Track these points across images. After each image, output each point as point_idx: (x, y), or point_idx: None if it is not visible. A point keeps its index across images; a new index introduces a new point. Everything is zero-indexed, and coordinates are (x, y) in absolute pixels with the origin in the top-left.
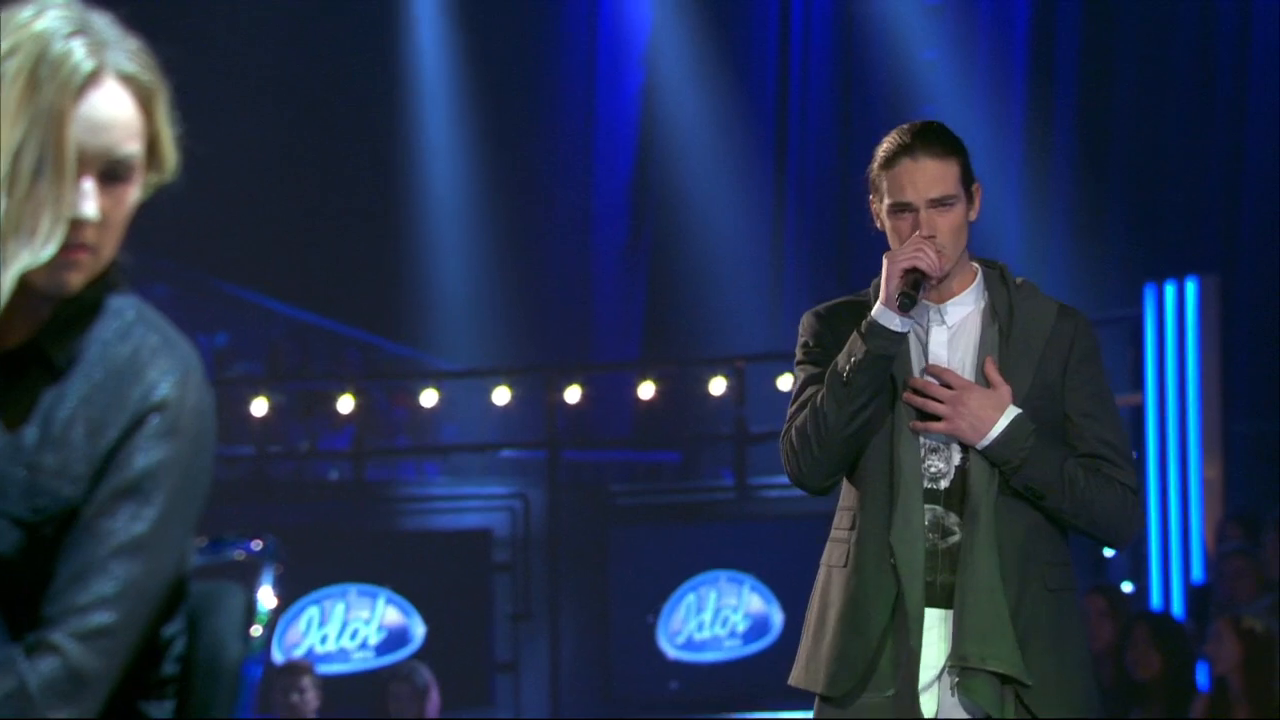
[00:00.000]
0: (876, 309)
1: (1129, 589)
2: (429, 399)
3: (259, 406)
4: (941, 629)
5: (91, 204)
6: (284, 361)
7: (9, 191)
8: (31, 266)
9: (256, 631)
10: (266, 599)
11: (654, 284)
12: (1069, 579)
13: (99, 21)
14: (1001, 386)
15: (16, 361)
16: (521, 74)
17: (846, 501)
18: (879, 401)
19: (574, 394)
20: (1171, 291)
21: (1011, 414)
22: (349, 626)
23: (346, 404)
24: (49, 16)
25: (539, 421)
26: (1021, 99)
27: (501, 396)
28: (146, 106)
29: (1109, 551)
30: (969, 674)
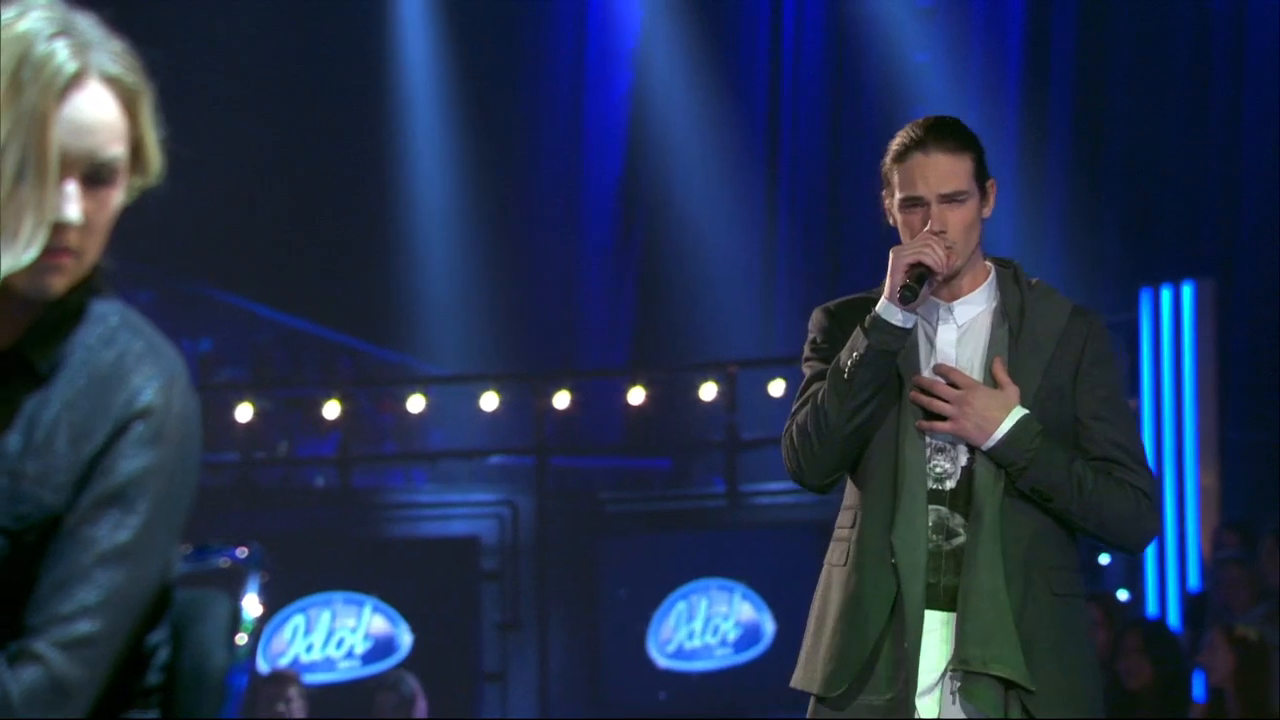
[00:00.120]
0: (880, 303)
1: (1125, 597)
2: (416, 405)
3: (244, 412)
4: (943, 631)
5: (74, 207)
6: (269, 367)
7: None
8: (13, 270)
9: (242, 640)
10: (252, 607)
11: (644, 288)
12: (1076, 584)
13: (83, 23)
14: (1009, 387)
15: None
16: (509, 75)
17: (850, 500)
18: (881, 399)
19: (563, 400)
20: (1167, 296)
21: (1018, 415)
22: (335, 635)
23: (333, 410)
24: (32, 17)
25: (527, 428)
26: (1015, 102)
27: (489, 402)
28: (131, 109)
29: (1104, 558)
30: (971, 678)
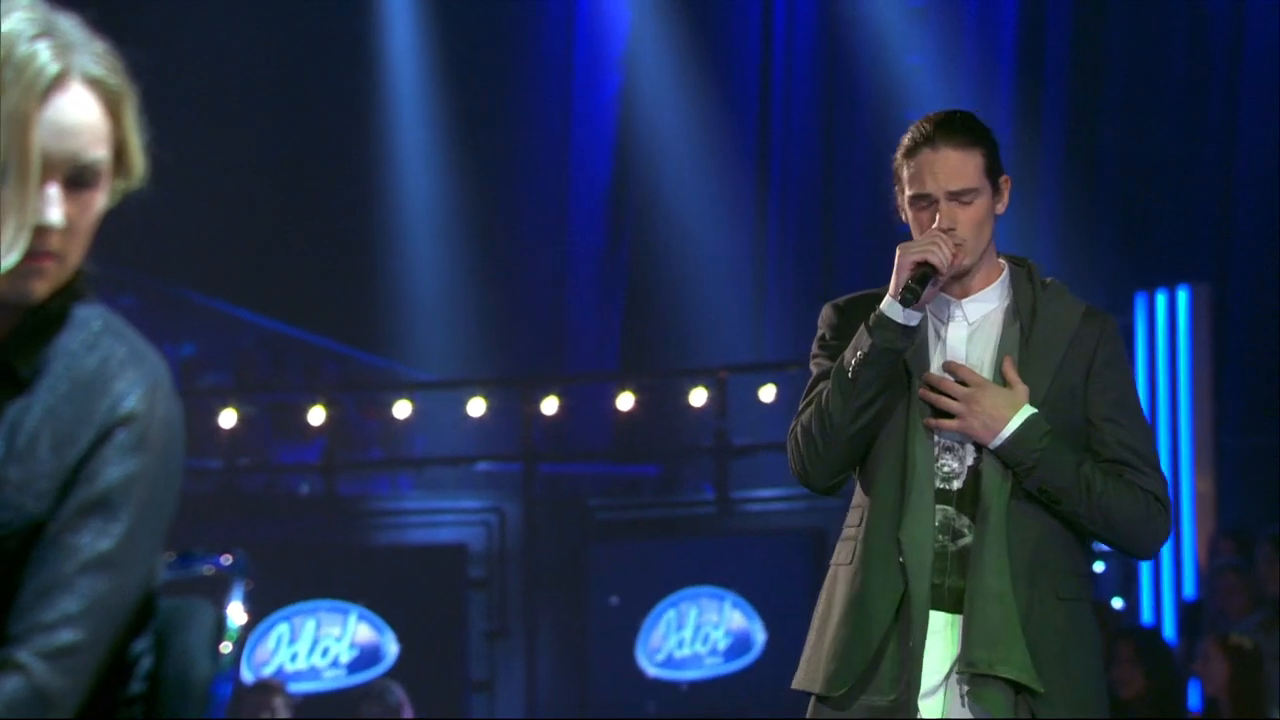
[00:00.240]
0: (885, 301)
1: (1119, 605)
2: (402, 410)
3: (227, 418)
4: (947, 633)
5: (57, 211)
6: (253, 372)
7: None
8: None
9: (226, 648)
10: (236, 615)
11: (633, 293)
12: (1083, 588)
13: (65, 23)
14: (1018, 386)
15: None
16: (497, 77)
17: (857, 499)
18: (888, 397)
19: (551, 405)
20: (1162, 300)
21: (1026, 414)
22: (320, 644)
23: (317, 415)
24: (14, 18)
25: (515, 434)
26: (1008, 104)
27: (476, 408)
28: (114, 111)
29: (1099, 565)
30: (979, 681)
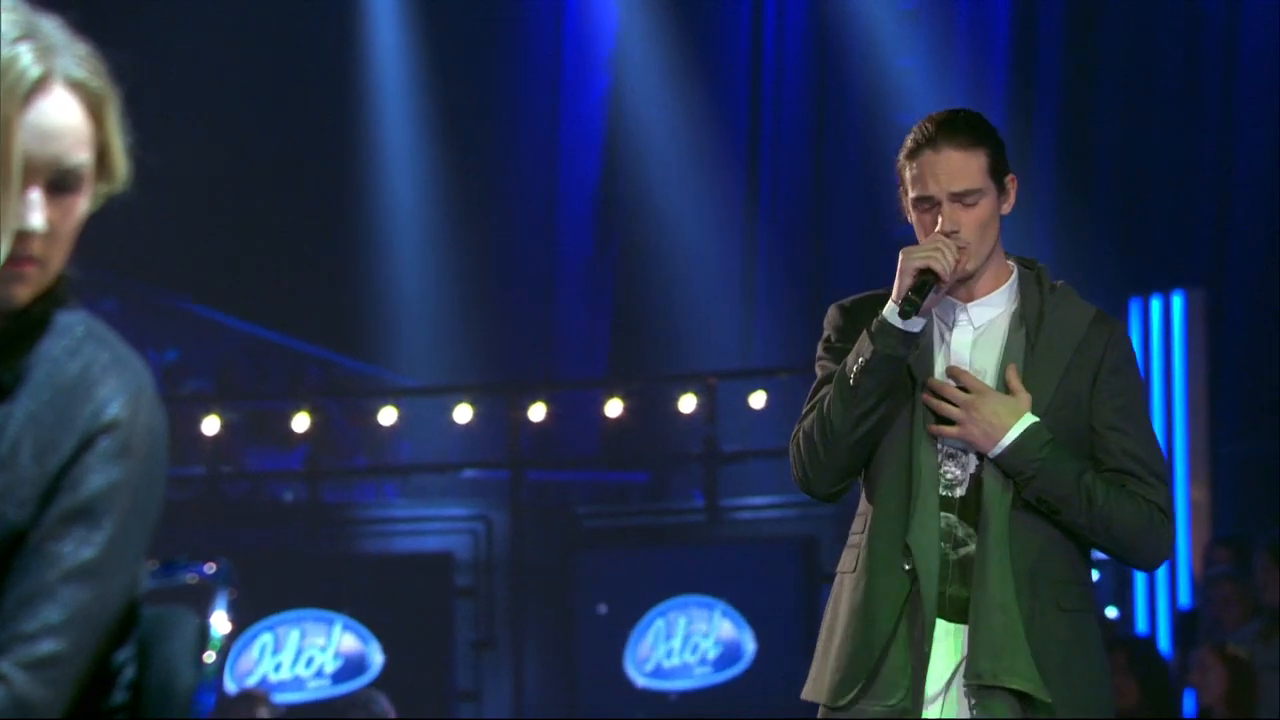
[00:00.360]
0: (887, 308)
1: (1113, 614)
2: (387, 417)
3: (210, 425)
4: (949, 642)
5: (39, 215)
6: (236, 378)
7: None
8: None
9: (210, 658)
10: (220, 624)
11: (621, 297)
12: (1085, 598)
13: (47, 25)
14: (1020, 394)
15: None
16: (483, 78)
17: (861, 506)
18: (889, 405)
19: (538, 412)
20: (1157, 306)
21: (1027, 422)
22: (304, 654)
23: (301, 422)
24: None
25: (502, 440)
26: (1001, 107)
27: (463, 414)
28: (96, 114)
29: (1093, 574)
30: (985, 692)
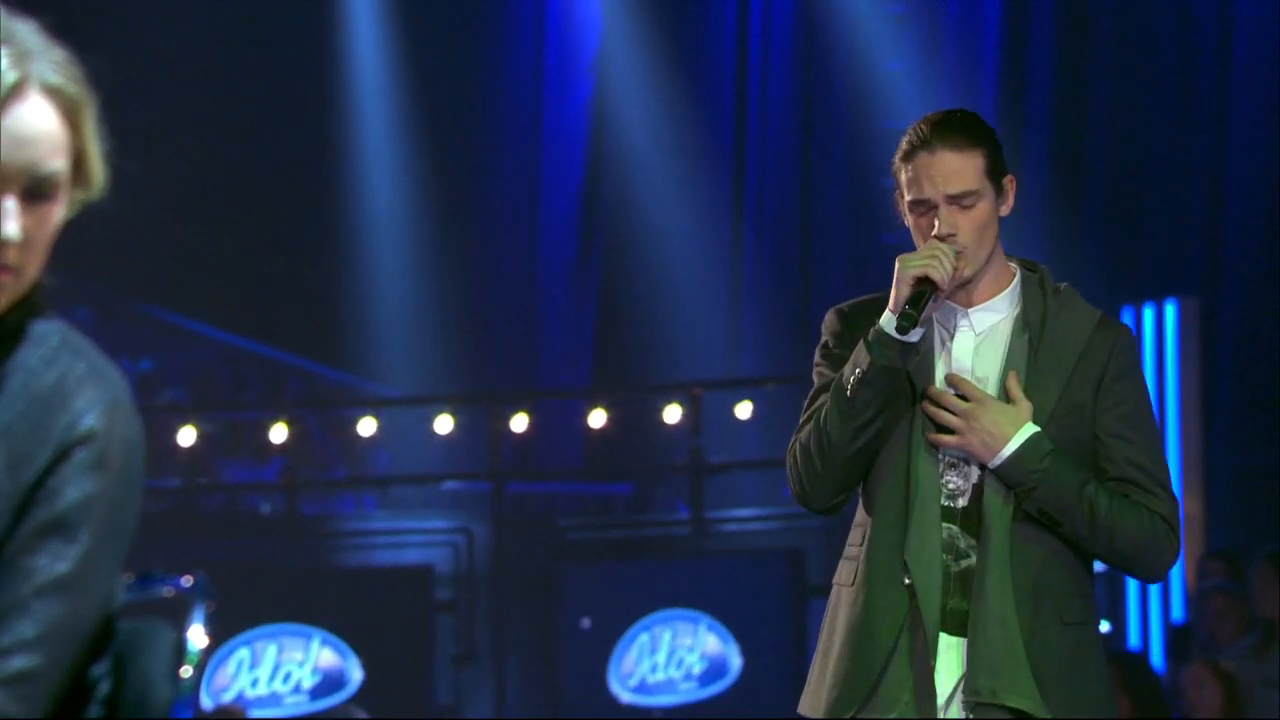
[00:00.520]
0: (884, 317)
1: (1105, 628)
2: (367, 428)
3: (186, 436)
4: (950, 656)
5: (13, 223)
6: (212, 388)
7: None
8: None
9: (186, 673)
10: (197, 638)
11: (605, 306)
12: (1087, 611)
13: (23, 30)
14: (1021, 403)
15: None
16: (465, 83)
17: (859, 517)
18: (888, 415)
19: (520, 422)
20: (1150, 315)
21: (1027, 432)
22: (281, 669)
23: (279, 433)
24: None
25: (483, 451)
26: (991, 112)
27: (444, 425)
28: (73, 120)
29: None
30: (984, 709)
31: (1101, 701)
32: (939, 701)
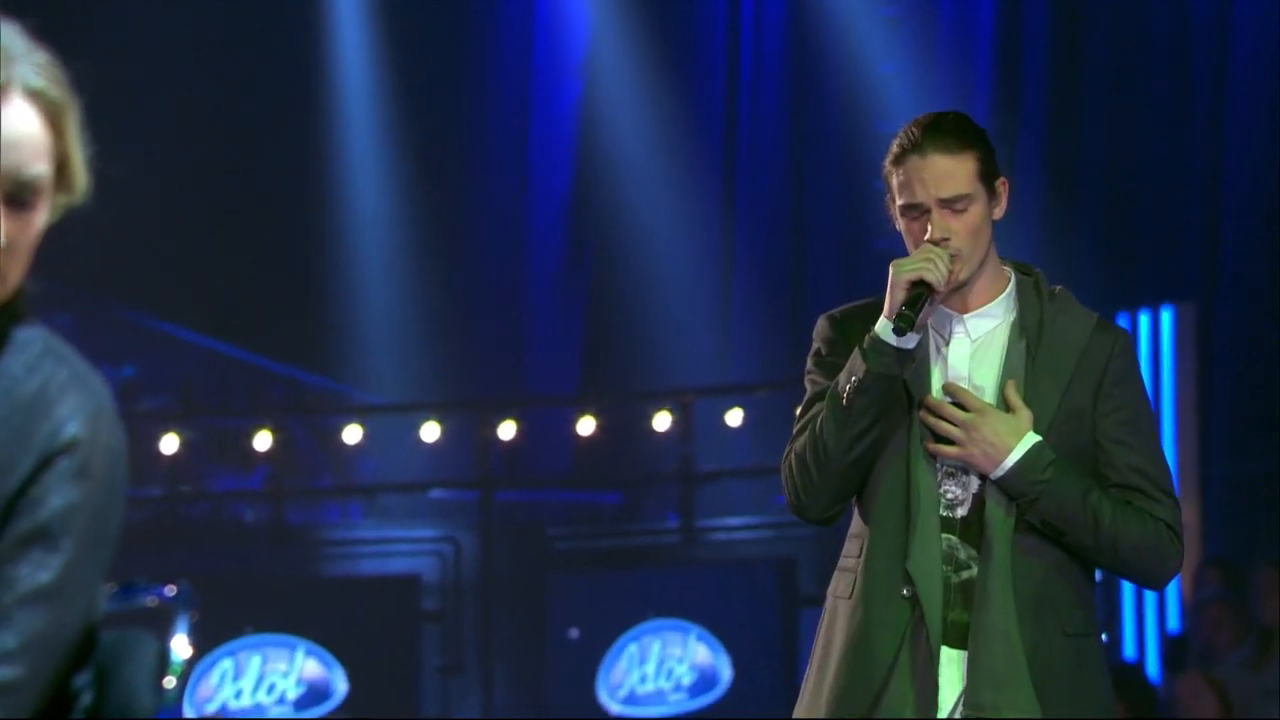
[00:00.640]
0: (879, 323)
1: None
2: (352, 435)
3: (169, 444)
4: (952, 669)
5: None
6: (196, 395)
7: None
8: None
9: (170, 683)
10: (180, 648)
11: (594, 312)
12: (1090, 622)
13: (5, 33)
14: (1021, 411)
15: None
16: (451, 85)
17: (856, 528)
18: (884, 424)
19: (508, 430)
20: (1145, 321)
21: (1029, 442)
22: (265, 680)
23: (263, 440)
24: None
25: (471, 460)
26: (985, 115)
27: (430, 432)
28: (56, 124)
29: None
30: None
31: (1104, 714)
32: (941, 715)
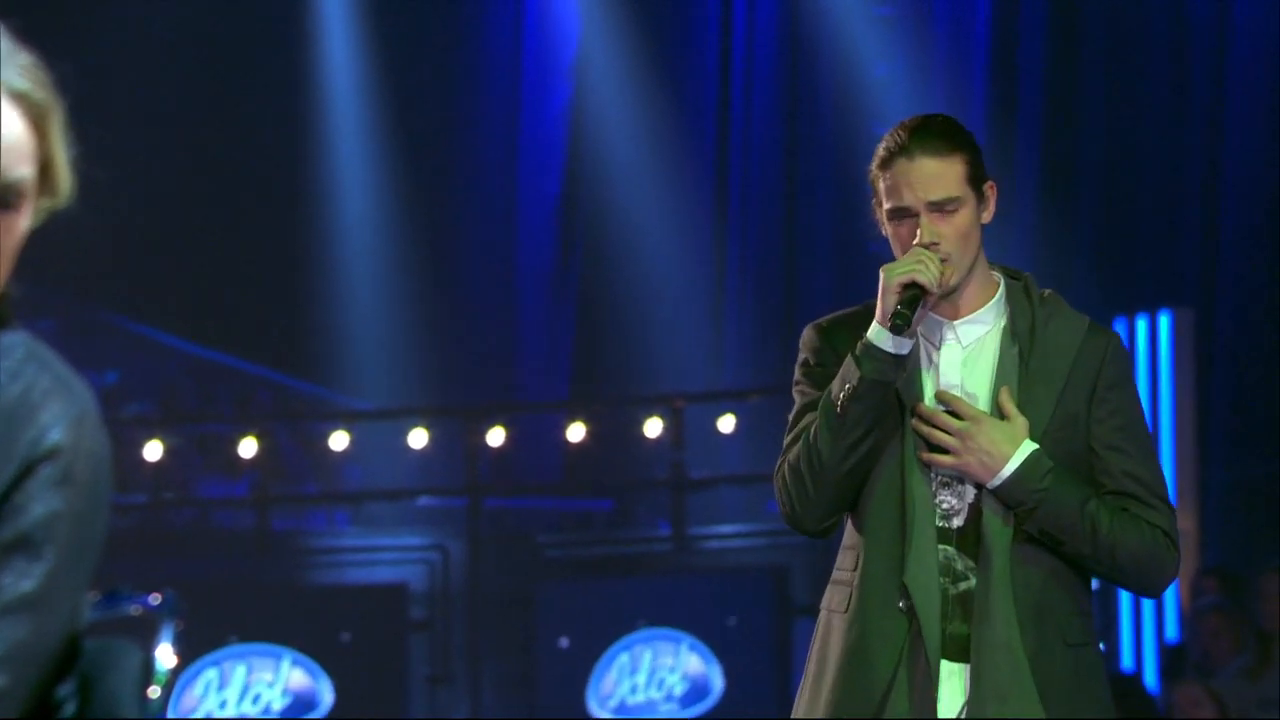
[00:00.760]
0: (872, 329)
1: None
2: (339, 442)
3: (153, 450)
4: (952, 683)
5: None
6: (180, 401)
7: None
8: None
9: (154, 693)
10: (165, 658)
11: (584, 317)
12: (1089, 631)
13: None
14: (1016, 419)
15: None
16: (440, 88)
17: (849, 539)
18: (879, 433)
19: (497, 436)
20: (1143, 326)
21: (1027, 450)
22: (250, 690)
23: (248, 447)
24: None
25: (459, 466)
26: (982, 117)
27: (418, 439)
28: (39, 126)
29: None
30: None
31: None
32: None
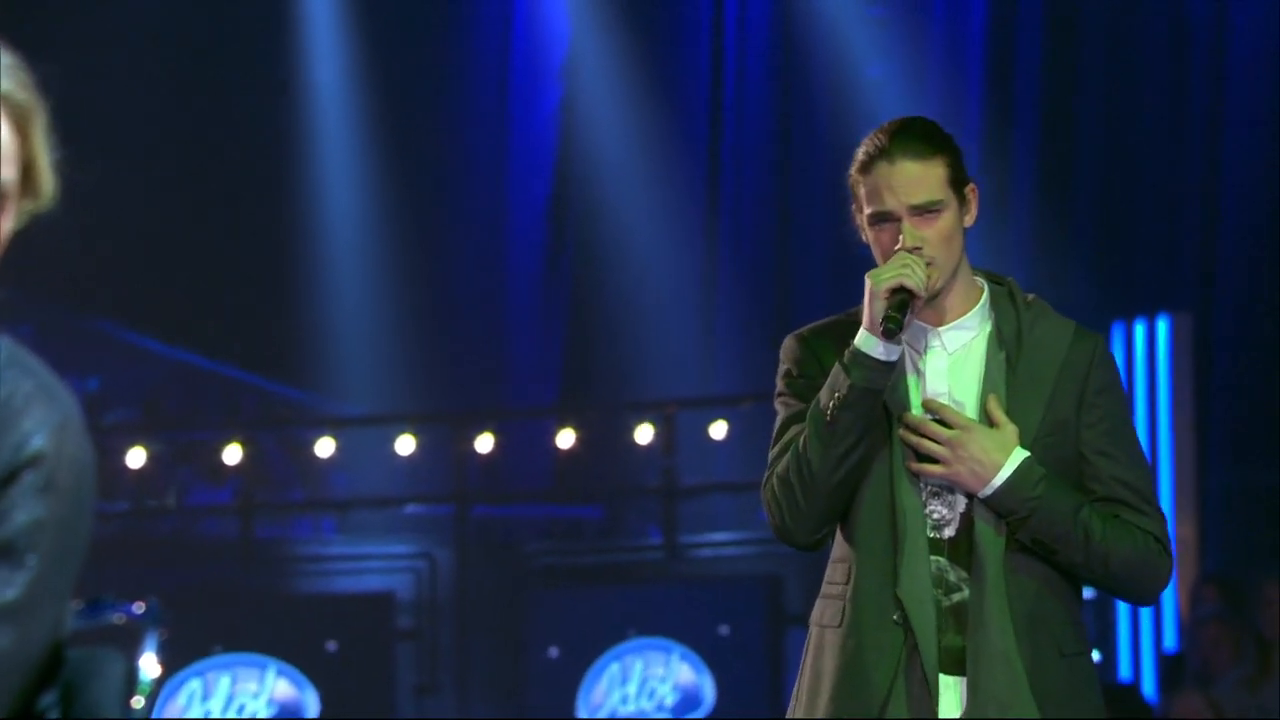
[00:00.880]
0: (860, 336)
1: (1096, 658)
2: (325, 448)
3: (136, 457)
4: (948, 696)
5: None
6: (163, 407)
7: None
8: None
9: (138, 703)
10: (149, 667)
11: (574, 322)
12: (1082, 640)
13: None
14: (1006, 426)
15: None
16: (428, 89)
17: (839, 552)
18: (870, 442)
19: (485, 443)
20: (1141, 331)
21: (1018, 458)
22: (235, 700)
23: (233, 454)
24: None
25: (447, 473)
26: (978, 121)
27: (405, 445)
28: (22, 128)
29: None
30: None
31: None
32: None
